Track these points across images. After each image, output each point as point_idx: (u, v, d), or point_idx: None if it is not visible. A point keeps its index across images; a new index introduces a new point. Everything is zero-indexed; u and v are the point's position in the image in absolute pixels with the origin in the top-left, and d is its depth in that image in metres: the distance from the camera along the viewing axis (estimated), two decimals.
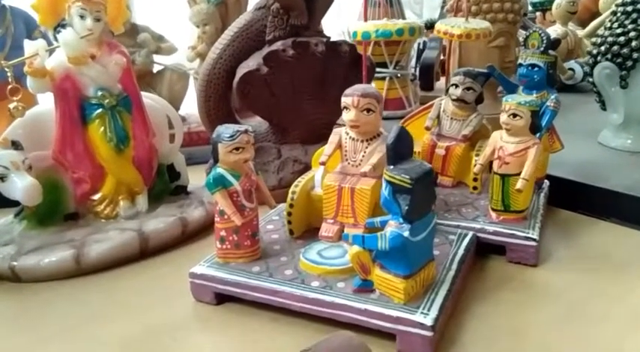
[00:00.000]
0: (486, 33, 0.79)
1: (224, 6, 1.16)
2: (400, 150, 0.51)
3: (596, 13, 1.88)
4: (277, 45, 0.86)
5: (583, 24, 1.86)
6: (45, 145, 0.74)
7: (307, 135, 0.93)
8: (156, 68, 1.18)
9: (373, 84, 1.10)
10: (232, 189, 0.58)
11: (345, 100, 0.62)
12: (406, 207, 0.49)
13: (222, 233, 0.60)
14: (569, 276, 0.64)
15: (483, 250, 0.68)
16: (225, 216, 0.59)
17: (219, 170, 0.58)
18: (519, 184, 0.64)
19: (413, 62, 1.42)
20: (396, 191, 0.50)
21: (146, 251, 0.72)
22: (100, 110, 0.73)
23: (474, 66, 0.83)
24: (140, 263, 0.71)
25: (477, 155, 0.76)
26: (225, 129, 0.57)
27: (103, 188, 0.76)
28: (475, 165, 0.73)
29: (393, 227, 0.51)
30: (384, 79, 1.20)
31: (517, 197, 0.67)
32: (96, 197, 0.76)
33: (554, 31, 1.57)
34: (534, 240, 0.65)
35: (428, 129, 0.79)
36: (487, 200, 0.73)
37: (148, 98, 0.81)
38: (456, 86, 0.77)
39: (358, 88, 0.62)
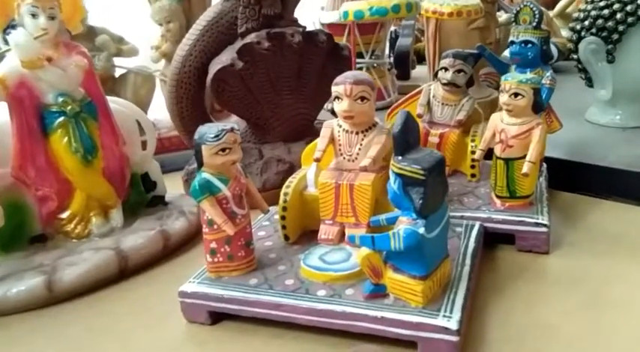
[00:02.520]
0: (477, 10, 0.75)
1: (187, 1, 1.09)
2: (408, 138, 0.46)
3: None
4: (251, 37, 0.80)
5: (547, 6, 1.86)
6: (3, 162, 0.66)
7: (288, 133, 0.88)
8: (118, 72, 1.10)
9: None
10: (221, 195, 0.52)
11: (336, 89, 0.56)
12: (420, 201, 0.45)
13: (213, 245, 0.54)
14: (584, 261, 0.61)
15: (490, 240, 0.64)
16: (215, 226, 0.53)
17: (205, 175, 0.52)
18: (526, 168, 0.60)
19: (387, 51, 1.38)
20: (407, 184, 0.45)
21: (126, 270, 0.65)
22: (62, 118, 0.65)
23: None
24: (120, 284, 0.64)
25: (473, 141, 0.73)
26: (208, 129, 0.51)
27: (71, 205, 0.69)
28: (474, 152, 0.69)
29: (406, 224, 0.46)
30: (360, 69, 1.16)
31: (523, 182, 0.63)
32: (64, 215, 0.69)
33: None
34: (545, 225, 0.62)
35: (420, 116, 0.74)
36: (487, 187, 0.69)
37: (114, 103, 0.74)
38: (446, 69, 0.73)
39: (349, 75, 0.57)
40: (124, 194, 0.73)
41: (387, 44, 1.36)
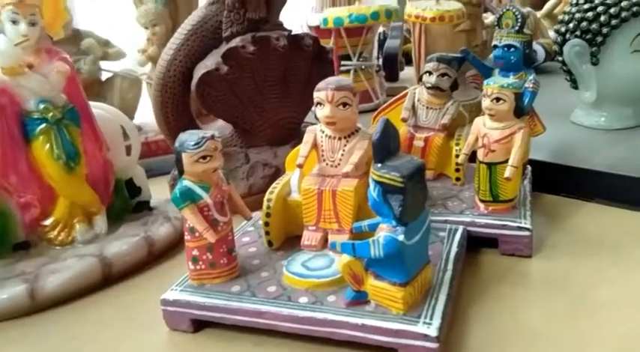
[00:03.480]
0: (460, 14, 0.75)
1: (173, 4, 1.08)
2: (387, 145, 0.46)
3: None
4: (236, 41, 0.80)
5: (534, 7, 1.87)
6: None
7: (275, 136, 0.88)
8: (104, 76, 1.10)
9: None
10: (202, 202, 0.52)
11: (318, 95, 0.57)
12: (399, 209, 0.45)
13: (195, 252, 0.54)
14: (566, 264, 0.61)
15: (473, 244, 0.64)
16: (197, 234, 0.53)
17: (186, 182, 0.52)
18: (508, 172, 0.61)
19: (375, 53, 1.38)
20: (386, 191, 0.45)
21: (110, 277, 0.64)
22: (43, 125, 0.65)
23: (442, 52, 0.79)
24: (104, 291, 0.64)
25: (457, 144, 0.73)
26: (189, 137, 0.51)
27: (54, 211, 0.68)
28: (458, 156, 0.69)
29: (386, 231, 0.46)
30: (348, 71, 1.16)
31: (506, 186, 0.63)
32: (48, 222, 0.68)
33: None
34: (528, 229, 0.62)
35: (404, 120, 0.74)
36: (472, 191, 0.70)
37: (97, 108, 0.74)
38: (430, 73, 0.73)
39: (331, 80, 0.57)
40: (108, 200, 0.72)
41: (376, 46, 1.37)
